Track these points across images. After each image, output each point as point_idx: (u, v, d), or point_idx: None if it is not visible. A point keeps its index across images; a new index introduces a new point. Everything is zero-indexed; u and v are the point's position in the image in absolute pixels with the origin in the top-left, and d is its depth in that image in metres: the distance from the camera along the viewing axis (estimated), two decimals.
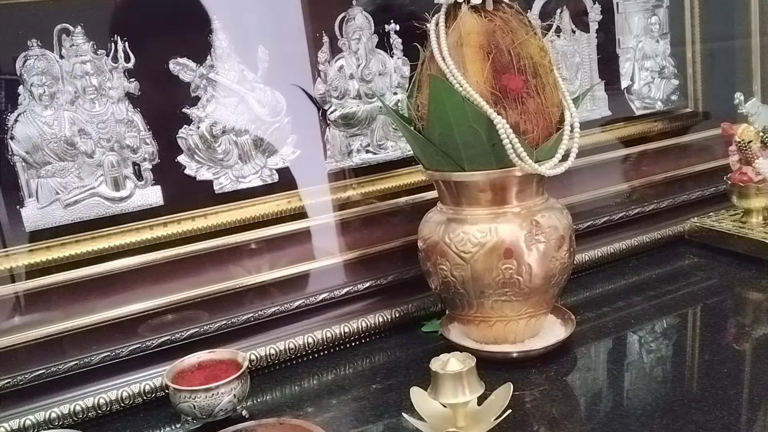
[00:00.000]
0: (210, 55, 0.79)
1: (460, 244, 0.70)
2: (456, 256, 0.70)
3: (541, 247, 0.70)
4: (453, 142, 0.68)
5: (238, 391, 0.66)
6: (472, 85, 0.66)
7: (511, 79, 0.67)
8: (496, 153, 0.67)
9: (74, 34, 0.72)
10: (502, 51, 0.67)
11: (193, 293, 0.79)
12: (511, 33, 0.68)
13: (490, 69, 0.67)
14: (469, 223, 0.71)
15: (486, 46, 0.68)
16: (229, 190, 0.82)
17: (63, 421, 0.70)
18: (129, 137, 0.76)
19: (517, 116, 0.67)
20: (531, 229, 0.70)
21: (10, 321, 0.72)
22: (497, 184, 0.70)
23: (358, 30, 0.86)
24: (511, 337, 0.74)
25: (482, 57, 0.67)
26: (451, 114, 0.67)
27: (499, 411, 0.61)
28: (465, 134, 0.67)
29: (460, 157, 0.69)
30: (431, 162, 0.73)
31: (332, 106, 0.86)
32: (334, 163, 0.87)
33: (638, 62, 1.10)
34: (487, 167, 0.69)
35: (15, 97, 0.71)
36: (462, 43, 0.68)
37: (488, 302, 0.71)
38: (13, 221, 0.72)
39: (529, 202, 0.71)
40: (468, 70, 0.67)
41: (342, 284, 0.86)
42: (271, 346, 0.80)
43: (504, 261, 0.69)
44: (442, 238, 0.71)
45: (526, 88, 0.67)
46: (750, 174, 0.96)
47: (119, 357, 0.75)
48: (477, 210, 0.71)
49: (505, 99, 0.67)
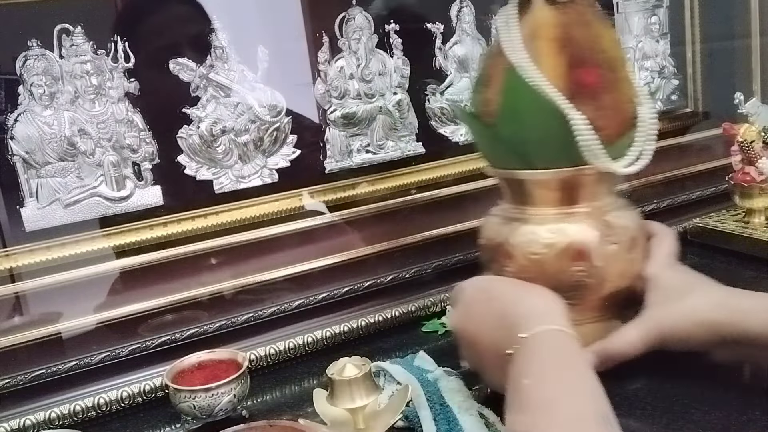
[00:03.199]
0: (210, 55, 0.79)
1: (527, 245, 0.66)
2: (522, 257, 0.67)
3: (614, 249, 0.66)
4: (525, 139, 0.66)
5: (238, 391, 0.66)
6: (546, 80, 0.63)
7: (586, 74, 0.64)
8: (571, 150, 0.63)
9: (74, 34, 0.72)
10: (577, 44, 0.65)
11: (193, 293, 0.79)
12: (587, 26, 0.66)
13: (564, 63, 0.64)
14: (537, 223, 0.67)
15: (561, 39, 0.65)
16: (229, 190, 0.81)
17: (63, 421, 0.70)
18: (129, 137, 0.76)
19: (592, 112, 0.63)
20: (603, 230, 0.66)
21: (10, 321, 0.72)
22: (569, 182, 0.66)
23: (358, 30, 0.86)
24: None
25: (557, 50, 0.65)
26: (525, 110, 0.64)
27: (398, 411, 0.63)
28: (539, 131, 0.64)
29: (532, 154, 0.66)
30: (499, 160, 0.70)
31: (332, 106, 0.86)
32: (333, 163, 0.87)
33: (638, 62, 1.10)
34: (560, 165, 0.65)
35: (15, 97, 0.71)
36: (535, 35, 0.65)
37: None
38: (13, 221, 0.72)
39: (600, 202, 0.68)
40: (542, 64, 0.64)
41: (342, 284, 0.86)
42: (271, 346, 0.80)
43: (575, 263, 0.65)
44: (507, 239, 0.68)
45: (602, 83, 0.65)
46: (753, 174, 0.96)
47: (119, 357, 0.75)
48: (545, 210, 0.68)
49: (580, 94, 0.63)
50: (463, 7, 0.93)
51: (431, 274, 0.91)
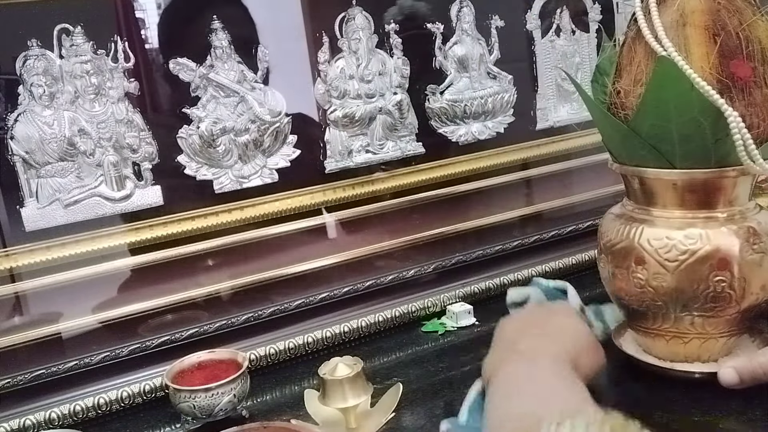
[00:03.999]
0: (210, 55, 0.79)
1: (663, 250, 0.62)
2: (657, 263, 0.62)
3: (758, 258, 0.61)
4: (668, 135, 0.60)
5: (238, 391, 0.66)
6: (696, 71, 0.58)
7: (739, 66, 0.59)
8: (719, 150, 0.59)
9: (74, 34, 0.72)
10: (729, 33, 0.59)
11: (193, 293, 0.79)
12: (738, 13, 0.60)
13: (716, 54, 0.59)
14: (670, 226, 0.63)
15: (712, 27, 0.60)
16: (229, 190, 0.81)
17: (63, 421, 0.70)
18: (129, 137, 0.76)
19: (743, 108, 0.58)
20: (748, 237, 0.61)
21: (10, 321, 0.72)
22: (710, 184, 0.62)
23: (358, 30, 0.86)
24: (705, 356, 0.65)
25: (708, 39, 0.60)
26: (674, 103, 0.59)
27: (390, 411, 0.64)
28: (686, 127, 0.59)
29: (674, 152, 0.61)
30: (632, 156, 0.65)
31: (332, 106, 0.86)
32: (333, 163, 0.87)
33: None
34: (703, 165, 0.61)
35: (15, 97, 0.71)
36: (685, 23, 0.61)
37: (689, 317, 0.63)
38: (13, 221, 0.72)
39: (743, 207, 0.63)
40: (692, 54, 0.59)
41: (342, 284, 0.86)
42: (271, 346, 0.80)
43: (717, 272, 0.61)
44: (638, 242, 0.63)
45: (755, 77, 0.60)
46: None
47: (119, 357, 0.75)
48: (679, 212, 0.63)
49: (733, 88, 0.59)
50: (463, 7, 0.93)
51: (431, 274, 0.91)
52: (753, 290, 0.62)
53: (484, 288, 0.91)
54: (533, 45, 0.99)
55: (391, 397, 0.65)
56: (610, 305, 0.73)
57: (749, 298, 0.62)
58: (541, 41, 1.00)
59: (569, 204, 1.02)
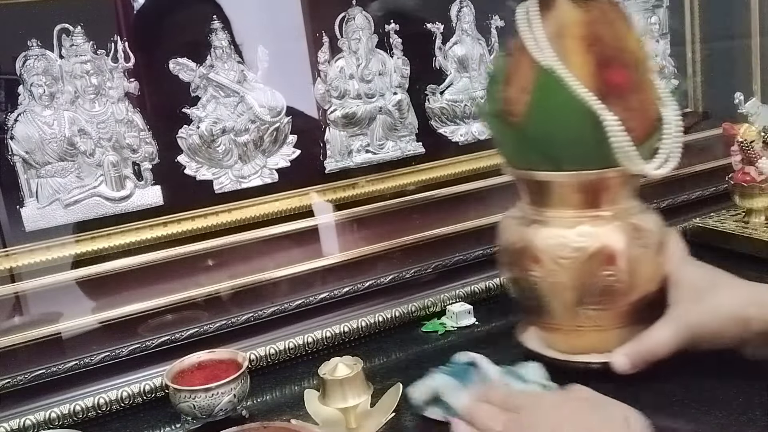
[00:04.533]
0: (210, 55, 0.79)
1: (556, 249, 0.65)
2: (551, 261, 0.65)
3: (642, 253, 0.65)
4: (554, 140, 0.64)
5: (238, 391, 0.66)
6: (576, 80, 0.62)
7: (615, 74, 0.63)
8: (601, 152, 0.63)
9: (74, 34, 0.72)
10: (604, 43, 0.64)
11: (193, 293, 0.79)
12: (611, 24, 0.65)
13: (592, 62, 0.63)
14: (562, 226, 0.66)
15: (588, 37, 0.64)
16: (229, 190, 0.81)
17: (63, 421, 0.70)
18: (129, 137, 0.76)
19: (620, 113, 0.62)
20: (632, 233, 0.65)
21: (10, 321, 0.72)
22: (596, 184, 0.66)
23: (358, 30, 0.86)
24: (601, 347, 0.68)
25: (585, 49, 0.64)
26: (556, 109, 0.63)
27: (390, 410, 0.64)
28: (569, 131, 0.63)
29: (560, 155, 0.65)
30: (523, 160, 0.68)
31: (332, 106, 0.86)
32: (333, 162, 0.87)
33: None
34: (589, 167, 0.65)
35: (15, 97, 0.71)
36: (561, 34, 0.64)
37: (583, 311, 0.66)
38: (13, 221, 0.72)
39: (626, 205, 0.67)
40: (571, 63, 0.63)
41: (342, 284, 0.86)
42: (271, 346, 0.80)
43: (606, 267, 0.64)
44: (533, 243, 0.66)
45: (629, 83, 0.64)
46: (753, 174, 0.96)
47: (119, 357, 0.75)
48: (569, 212, 0.66)
49: (609, 95, 0.62)
50: (463, 7, 0.93)
51: (431, 274, 0.91)
52: (639, 283, 0.66)
53: (484, 288, 0.91)
54: None
55: (391, 397, 0.65)
56: (531, 364, 0.68)
57: (637, 291, 0.66)
58: None
59: None
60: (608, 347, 0.68)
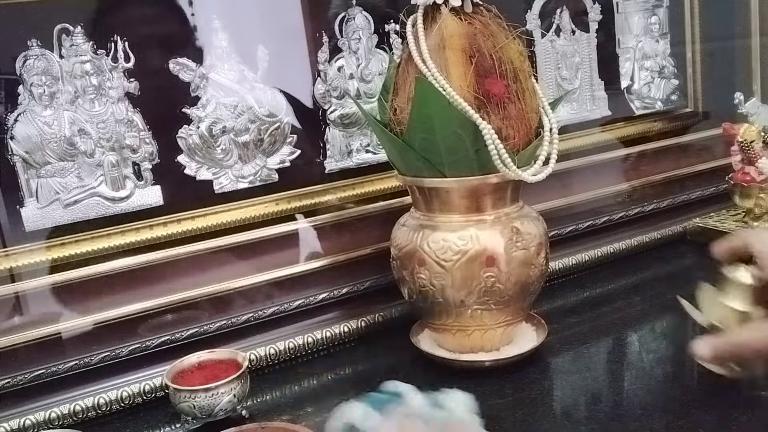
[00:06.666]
0: (210, 55, 0.79)
1: (440, 251, 0.68)
2: (436, 264, 0.69)
3: (522, 255, 0.69)
4: (435, 148, 0.67)
5: (238, 391, 0.66)
6: (455, 90, 0.65)
7: (493, 84, 0.66)
8: (480, 159, 0.66)
9: (74, 34, 0.72)
10: (484, 55, 0.66)
11: (193, 293, 0.79)
12: (492, 36, 0.67)
13: (473, 73, 0.66)
14: (448, 230, 0.69)
15: (468, 49, 0.66)
16: (229, 190, 0.81)
17: (63, 421, 0.70)
18: (129, 137, 0.76)
19: (499, 122, 0.66)
20: (511, 236, 0.69)
21: (10, 321, 0.72)
22: (479, 190, 0.69)
23: (358, 30, 0.86)
24: (488, 346, 0.73)
25: (465, 60, 0.66)
26: (436, 118, 0.65)
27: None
28: (449, 139, 0.66)
29: (442, 162, 0.68)
30: (409, 167, 0.71)
31: (332, 106, 0.86)
32: (333, 162, 0.87)
33: (638, 62, 1.10)
34: (469, 173, 0.68)
35: (15, 97, 0.71)
36: (444, 45, 0.67)
37: (468, 311, 0.70)
38: (13, 221, 0.72)
39: (507, 209, 0.71)
40: (451, 74, 0.66)
41: (342, 283, 0.86)
42: (271, 346, 0.80)
43: (486, 269, 0.68)
44: (420, 246, 0.70)
45: (508, 93, 0.67)
46: (753, 174, 0.96)
47: (119, 357, 0.75)
48: (455, 217, 0.70)
49: (488, 104, 0.66)
50: None
51: None
52: (519, 283, 0.69)
53: None
54: (533, 45, 0.99)
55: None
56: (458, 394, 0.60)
57: (517, 290, 0.70)
58: (541, 41, 1.00)
59: (568, 204, 1.02)
60: (494, 346, 0.73)
